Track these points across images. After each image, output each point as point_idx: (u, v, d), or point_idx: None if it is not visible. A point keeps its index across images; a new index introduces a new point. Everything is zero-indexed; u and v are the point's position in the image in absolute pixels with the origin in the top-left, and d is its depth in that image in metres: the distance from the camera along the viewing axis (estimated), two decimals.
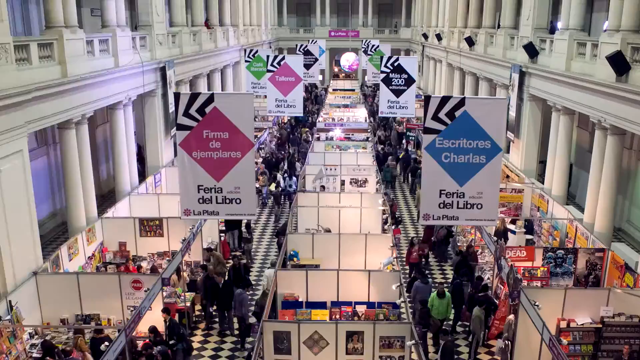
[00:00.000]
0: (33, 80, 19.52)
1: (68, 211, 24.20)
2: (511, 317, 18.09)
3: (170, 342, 17.92)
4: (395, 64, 34.10)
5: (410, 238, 26.84)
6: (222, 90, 46.76)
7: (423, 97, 18.59)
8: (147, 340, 17.46)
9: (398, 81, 34.14)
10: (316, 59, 50.28)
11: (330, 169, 30.14)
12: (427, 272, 24.78)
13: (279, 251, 23.56)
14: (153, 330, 17.60)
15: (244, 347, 20.19)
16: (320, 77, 65.60)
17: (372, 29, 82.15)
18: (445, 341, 17.68)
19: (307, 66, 46.35)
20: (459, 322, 21.24)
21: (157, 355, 16.70)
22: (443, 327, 19.28)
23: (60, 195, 28.85)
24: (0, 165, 17.51)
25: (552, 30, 32.92)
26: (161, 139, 32.78)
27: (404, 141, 46.17)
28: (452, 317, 20.88)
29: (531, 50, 31.70)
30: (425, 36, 64.72)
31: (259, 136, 39.61)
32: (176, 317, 19.76)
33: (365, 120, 45.98)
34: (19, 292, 17.52)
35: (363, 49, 56.32)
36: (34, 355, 17.21)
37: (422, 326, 19.37)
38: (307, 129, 47.34)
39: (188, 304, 21.11)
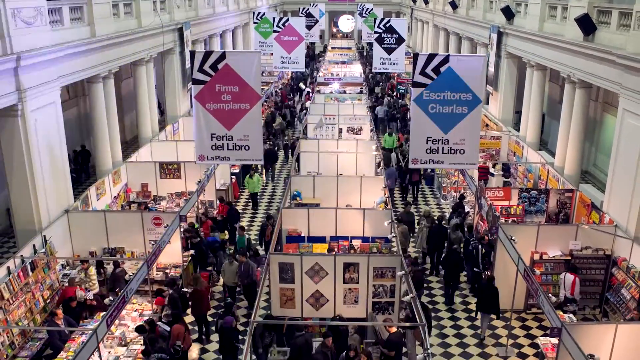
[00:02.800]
0: (65, 39, 19.53)
1: (96, 156, 24.04)
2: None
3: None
4: (387, 25, 33.82)
5: None
6: (233, 49, 46.33)
7: (412, 55, 18.17)
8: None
9: (389, 40, 33.91)
10: (317, 21, 49.56)
11: (329, 119, 29.85)
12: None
13: None
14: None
15: None
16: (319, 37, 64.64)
17: None
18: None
19: (309, 27, 45.63)
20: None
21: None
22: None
23: (89, 142, 28.54)
24: (36, 115, 17.36)
25: None
26: (179, 91, 32.78)
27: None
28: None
29: (508, 13, 31.23)
30: (414, 0, 63.85)
31: (265, 89, 39.25)
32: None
33: (361, 75, 45.45)
34: (52, 228, 17.39)
35: (358, 12, 55.30)
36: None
37: None
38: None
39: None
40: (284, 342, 14.68)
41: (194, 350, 16.22)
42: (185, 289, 17.09)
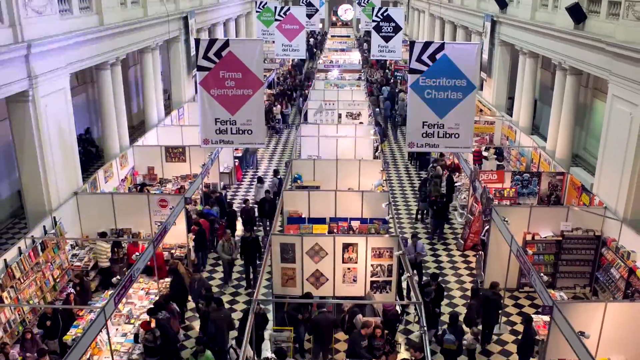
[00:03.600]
0: (74, 28, 19.32)
1: (104, 140, 23.91)
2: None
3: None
4: (385, 14, 33.92)
5: None
6: (236, 37, 46.09)
7: (408, 43, 18.13)
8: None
9: (387, 29, 34.00)
10: (317, 10, 49.34)
11: (329, 104, 29.72)
12: None
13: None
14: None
15: None
16: (320, 25, 64.41)
17: None
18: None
19: (309, 16, 45.46)
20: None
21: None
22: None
23: (98, 127, 28.48)
24: (46, 101, 17.20)
25: None
26: (184, 78, 32.53)
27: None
28: None
29: (501, 2, 30.93)
30: None
31: (267, 76, 39.11)
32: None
33: (359, 63, 45.24)
34: (62, 210, 17.35)
35: (357, 1, 55.10)
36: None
37: None
38: None
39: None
40: (285, 320, 14.62)
41: (196, 327, 16.19)
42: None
